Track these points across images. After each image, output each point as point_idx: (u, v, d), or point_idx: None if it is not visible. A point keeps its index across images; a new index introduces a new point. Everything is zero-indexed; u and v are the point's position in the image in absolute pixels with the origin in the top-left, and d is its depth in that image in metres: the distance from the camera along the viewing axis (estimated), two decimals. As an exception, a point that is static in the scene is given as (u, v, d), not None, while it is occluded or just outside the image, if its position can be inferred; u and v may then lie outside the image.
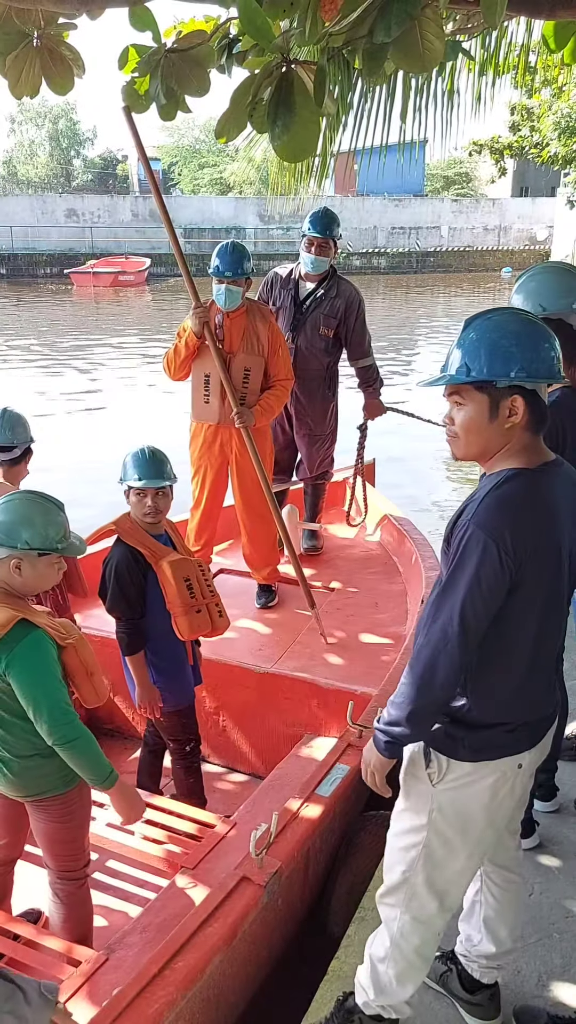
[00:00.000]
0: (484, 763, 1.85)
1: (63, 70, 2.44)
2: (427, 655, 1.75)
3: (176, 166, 54.87)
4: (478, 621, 1.71)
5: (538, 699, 1.90)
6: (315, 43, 2.13)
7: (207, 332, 4.02)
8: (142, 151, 3.74)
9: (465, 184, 51.52)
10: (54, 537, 2.33)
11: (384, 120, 4.32)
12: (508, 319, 1.74)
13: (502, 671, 1.82)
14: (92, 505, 8.10)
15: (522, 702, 1.86)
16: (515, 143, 17.55)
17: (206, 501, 4.47)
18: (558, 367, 1.73)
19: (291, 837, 2.69)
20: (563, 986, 2.40)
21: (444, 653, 1.72)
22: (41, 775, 2.44)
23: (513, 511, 1.69)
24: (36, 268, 33.93)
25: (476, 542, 1.67)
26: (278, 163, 5.16)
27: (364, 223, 37.99)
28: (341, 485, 5.74)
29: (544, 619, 1.80)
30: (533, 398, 1.72)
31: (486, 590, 1.68)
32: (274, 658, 3.92)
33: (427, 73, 4.06)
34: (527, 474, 1.73)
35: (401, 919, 2.04)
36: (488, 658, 1.80)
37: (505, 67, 4.47)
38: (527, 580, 1.71)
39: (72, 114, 55.41)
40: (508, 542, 1.66)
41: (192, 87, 2.35)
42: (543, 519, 1.72)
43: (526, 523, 1.69)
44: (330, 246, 4.62)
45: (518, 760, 1.88)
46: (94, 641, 4.00)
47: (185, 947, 2.27)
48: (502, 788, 1.88)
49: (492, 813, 1.91)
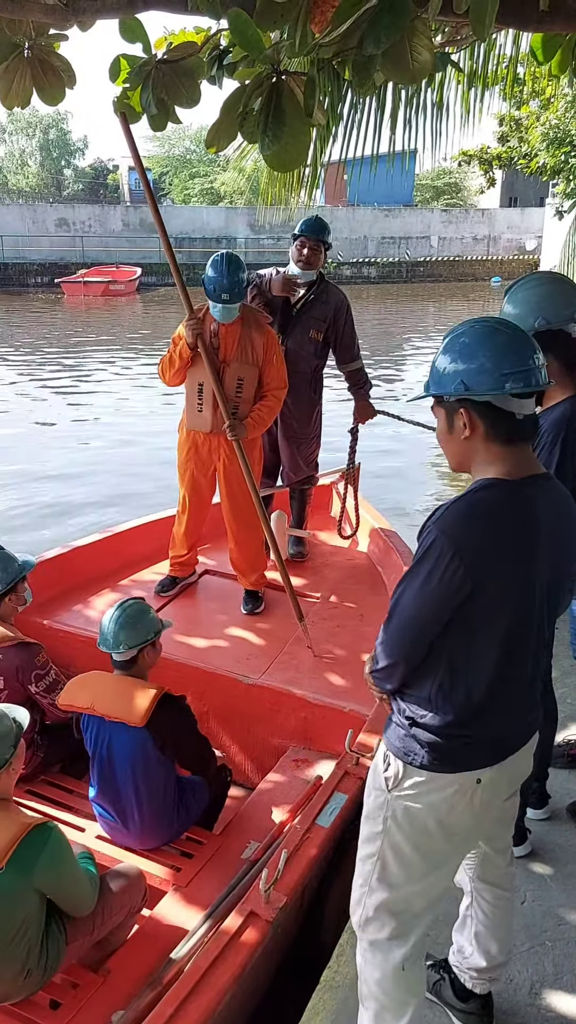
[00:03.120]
0: (440, 774, 1.82)
1: (54, 80, 2.44)
2: (380, 649, 1.84)
3: (167, 176, 54.94)
4: (423, 621, 1.73)
5: (505, 717, 1.85)
6: (305, 54, 2.14)
7: (200, 343, 4.01)
8: (136, 156, 3.74)
9: (454, 194, 51.72)
10: (5, 755, 2.35)
11: (374, 131, 4.35)
12: (467, 330, 1.74)
13: (462, 685, 1.78)
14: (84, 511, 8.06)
15: (484, 718, 1.81)
16: (504, 154, 17.66)
17: (192, 506, 4.47)
18: (502, 381, 1.66)
19: (294, 871, 2.67)
20: (555, 994, 2.39)
21: (391, 646, 1.81)
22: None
23: (476, 518, 1.69)
24: (27, 277, 33.85)
25: (433, 543, 1.68)
26: (269, 173, 5.18)
27: (354, 233, 38.09)
28: (327, 489, 5.75)
29: (511, 636, 1.75)
30: (487, 409, 1.69)
31: (436, 592, 1.68)
32: (261, 668, 3.90)
33: (416, 84, 4.08)
34: (503, 485, 1.72)
35: (360, 946, 2.01)
36: (449, 669, 1.78)
37: (494, 79, 4.50)
38: (488, 592, 1.69)
39: (63, 124, 55.41)
40: (465, 548, 1.65)
41: (182, 98, 2.36)
42: (511, 530, 1.69)
43: (489, 532, 1.68)
44: (320, 251, 4.64)
45: (476, 775, 1.83)
46: (77, 639, 4.04)
47: (197, 987, 2.26)
48: (459, 802, 1.84)
49: (447, 828, 1.86)
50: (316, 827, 2.86)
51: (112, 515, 7.82)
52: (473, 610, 1.70)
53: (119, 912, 2.59)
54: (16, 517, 8.22)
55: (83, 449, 10.70)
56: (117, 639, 3.00)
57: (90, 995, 2.44)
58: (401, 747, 1.86)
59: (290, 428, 4.92)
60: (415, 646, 1.77)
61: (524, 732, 1.94)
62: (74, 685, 3.09)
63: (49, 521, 8.07)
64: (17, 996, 2.39)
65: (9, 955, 2.28)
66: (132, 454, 10.15)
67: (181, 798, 3.08)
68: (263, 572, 4.59)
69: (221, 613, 4.48)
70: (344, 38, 1.86)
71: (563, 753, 3.37)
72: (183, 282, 3.98)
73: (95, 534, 5.10)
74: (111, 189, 56.27)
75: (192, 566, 4.79)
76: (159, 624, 3.11)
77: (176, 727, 3.00)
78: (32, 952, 2.32)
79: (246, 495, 4.22)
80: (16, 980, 2.32)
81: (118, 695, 2.95)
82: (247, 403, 4.19)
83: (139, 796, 2.96)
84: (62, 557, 4.65)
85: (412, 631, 1.76)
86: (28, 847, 2.25)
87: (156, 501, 7.02)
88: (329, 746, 3.53)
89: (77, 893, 2.42)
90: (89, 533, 5.35)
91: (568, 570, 1.83)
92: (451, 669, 1.77)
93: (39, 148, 54.95)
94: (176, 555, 4.66)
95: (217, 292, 3.96)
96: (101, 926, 2.53)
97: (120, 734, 2.95)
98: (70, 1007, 2.40)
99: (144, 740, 2.92)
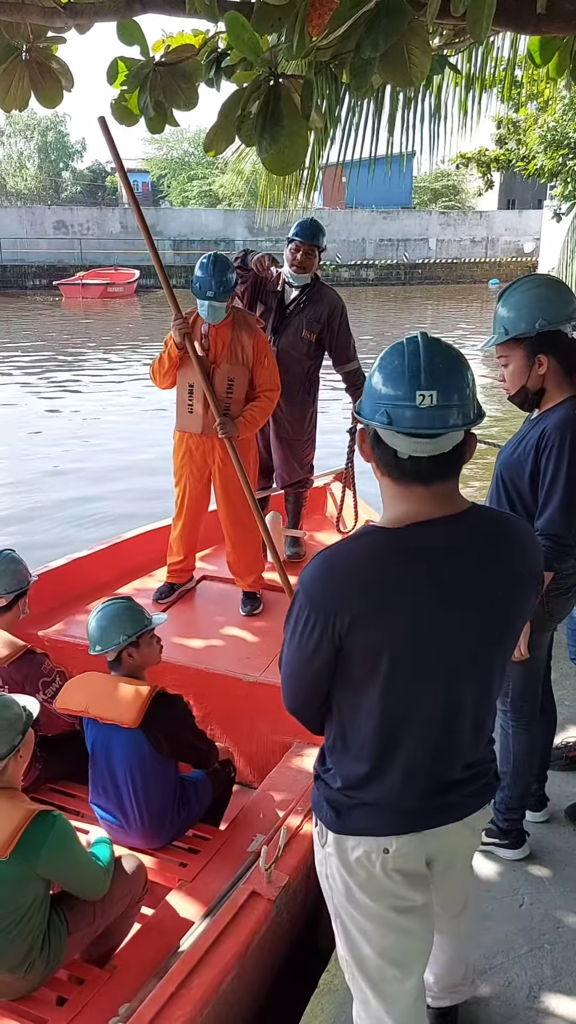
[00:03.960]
0: (345, 836, 1.69)
1: (52, 83, 2.44)
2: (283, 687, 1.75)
3: (165, 178, 55.02)
4: (300, 676, 1.66)
5: (409, 788, 1.66)
6: (303, 57, 2.15)
7: (188, 344, 4.02)
8: (118, 159, 3.80)
9: (453, 197, 51.81)
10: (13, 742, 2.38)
11: (372, 133, 4.35)
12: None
13: (352, 744, 1.66)
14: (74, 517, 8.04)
15: (379, 784, 1.65)
16: (502, 156, 17.72)
17: (188, 511, 4.47)
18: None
19: (296, 850, 2.68)
20: (554, 997, 2.39)
21: (284, 695, 1.75)
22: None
23: (333, 574, 1.55)
24: (25, 280, 33.87)
25: (295, 599, 1.60)
26: (267, 176, 5.18)
27: (353, 235, 38.13)
28: (322, 491, 5.74)
29: (397, 699, 1.58)
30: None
31: (302, 650, 1.60)
32: (261, 667, 3.91)
33: (414, 87, 4.08)
34: (380, 533, 1.57)
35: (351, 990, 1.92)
36: (340, 724, 1.67)
37: (491, 81, 4.50)
38: (357, 649, 1.54)
39: (61, 126, 55.46)
40: (320, 605, 1.54)
41: (180, 101, 2.36)
42: (379, 583, 1.53)
43: (347, 588, 1.53)
44: (314, 254, 4.65)
45: (383, 844, 1.66)
46: (75, 649, 4.03)
47: (199, 965, 2.26)
48: (371, 867, 1.67)
49: (371, 892, 1.70)
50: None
51: (111, 521, 7.81)
52: (349, 667, 1.58)
53: (120, 901, 2.59)
54: (10, 520, 8.21)
55: (82, 449, 10.70)
56: (94, 639, 3.00)
57: (96, 990, 2.43)
58: (314, 802, 1.77)
59: (284, 430, 4.92)
60: (302, 699, 1.70)
61: (445, 811, 1.72)
62: (69, 687, 3.08)
63: (44, 527, 8.06)
64: (21, 990, 2.39)
65: (13, 943, 2.28)
66: (131, 454, 10.15)
67: (183, 796, 3.07)
68: (260, 574, 4.59)
69: (220, 616, 4.48)
70: (342, 41, 1.87)
71: (562, 755, 3.36)
72: (169, 282, 4.02)
73: (96, 545, 5.08)
74: (109, 191, 56.30)
75: (190, 572, 4.78)
76: (144, 622, 3.06)
77: (170, 725, 2.98)
78: (35, 941, 2.32)
79: (242, 498, 4.21)
80: (19, 971, 2.32)
81: (111, 696, 2.93)
82: (238, 404, 4.19)
83: (139, 797, 2.95)
84: (59, 570, 4.64)
85: (294, 684, 1.69)
86: (32, 834, 2.26)
87: (156, 507, 7.01)
88: None
89: (85, 877, 2.43)
90: (83, 537, 5.34)
91: (505, 619, 1.63)
92: (340, 725, 1.68)
93: (37, 150, 54.99)
94: (173, 561, 4.65)
95: (203, 290, 3.98)
96: (102, 915, 2.53)
97: (116, 736, 2.94)
98: (76, 1003, 2.39)
99: (139, 741, 2.91)
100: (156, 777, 2.96)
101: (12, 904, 2.27)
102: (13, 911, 2.27)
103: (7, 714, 2.38)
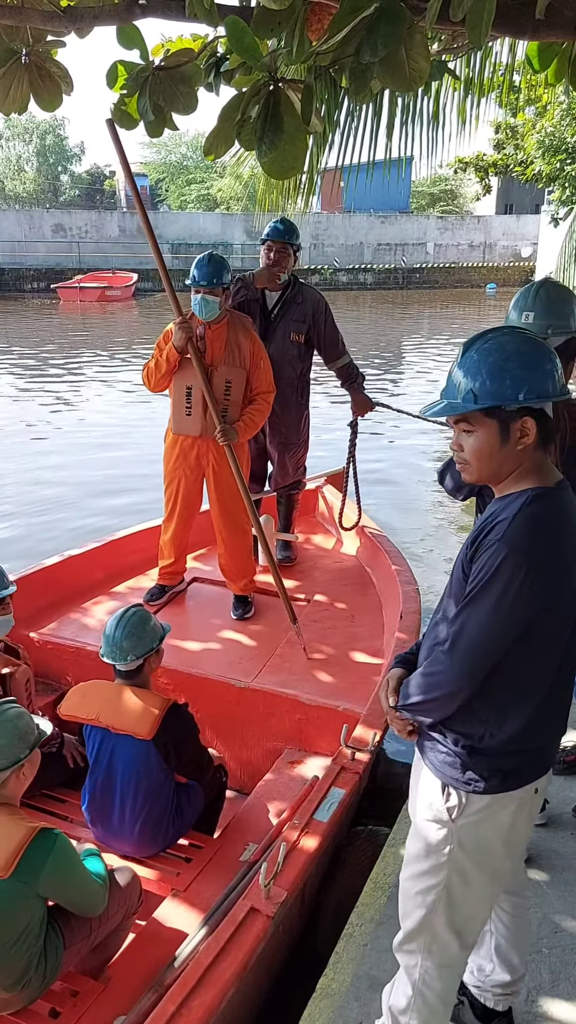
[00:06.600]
0: (504, 794, 1.81)
1: (51, 87, 2.45)
2: (437, 679, 1.76)
3: (163, 182, 55.08)
4: (496, 644, 1.68)
5: (557, 724, 1.87)
6: (302, 62, 2.15)
7: (191, 346, 4.00)
8: (126, 164, 3.77)
9: (450, 201, 51.91)
10: (19, 755, 2.38)
11: (370, 138, 4.35)
12: (508, 339, 1.70)
13: (524, 698, 1.76)
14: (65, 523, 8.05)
15: (541, 728, 1.81)
16: (500, 161, 17.79)
17: (179, 513, 4.45)
18: (562, 383, 1.71)
19: (294, 865, 2.65)
20: (552, 1001, 2.39)
21: (458, 674, 1.73)
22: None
23: (547, 531, 1.67)
24: (23, 283, 33.88)
25: (504, 562, 1.63)
26: (265, 180, 5.18)
27: (351, 239, 38.18)
28: (313, 493, 5.74)
29: (571, 642, 1.75)
30: (541, 416, 1.70)
31: (510, 612, 1.65)
32: (253, 672, 3.89)
33: (413, 92, 4.09)
34: (551, 493, 1.70)
35: (423, 965, 1.97)
36: (513, 687, 1.75)
37: (490, 86, 4.51)
38: (558, 603, 1.67)
39: (60, 130, 55.51)
40: (542, 564, 1.64)
41: (179, 105, 2.37)
42: (571, 536, 1.68)
43: (558, 543, 1.66)
44: (288, 253, 4.61)
45: (534, 785, 1.84)
46: (67, 651, 4.02)
47: (199, 985, 2.24)
48: (520, 816, 1.85)
49: (510, 842, 1.88)
50: (314, 822, 2.85)
51: (103, 521, 7.80)
52: (542, 625, 1.68)
53: (115, 914, 2.57)
54: (8, 521, 8.20)
55: (80, 451, 10.68)
56: (123, 649, 2.95)
57: (90, 1003, 2.42)
58: (460, 777, 1.81)
59: (279, 434, 4.91)
60: (484, 671, 1.73)
61: (556, 750, 1.97)
62: (76, 694, 3.05)
63: (38, 527, 8.05)
64: (16, 1005, 2.37)
65: (11, 962, 2.26)
66: (130, 456, 10.15)
67: (177, 804, 3.06)
68: (252, 577, 4.58)
69: (211, 619, 4.47)
70: (341, 46, 1.87)
71: (560, 760, 3.36)
72: (172, 286, 4.00)
73: (88, 544, 5.06)
74: (108, 195, 56.42)
75: (181, 574, 4.76)
76: (161, 630, 3.09)
77: (181, 737, 2.98)
78: (32, 959, 2.30)
79: (236, 500, 4.21)
80: (15, 988, 2.30)
81: (125, 707, 2.91)
82: (236, 406, 4.19)
83: (137, 804, 2.95)
84: (51, 568, 4.61)
85: (485, 656, 1.71)
86: (34, 853, 2.24)
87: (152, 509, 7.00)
88: (324, 747, 3.53)
89: (86, 895, 2.42)
90: (81, 541, 5.32)
91: None
92: (515, 687, 1.75)
93: (36, 154, 55.07)
94: (164, 564, 4.63)
95: (196, 279, 4.01)
96: (98, 929, 2.51)
97: (125, 745, 2.93)
98: (70, 1015, 2.38)
99: (149, 751, 2.91)
100: (156, 785, 2.95)
101: (10, 923, 2.25)
102: (11, 930, 2.25)
103: (20, 724, 2.37)
